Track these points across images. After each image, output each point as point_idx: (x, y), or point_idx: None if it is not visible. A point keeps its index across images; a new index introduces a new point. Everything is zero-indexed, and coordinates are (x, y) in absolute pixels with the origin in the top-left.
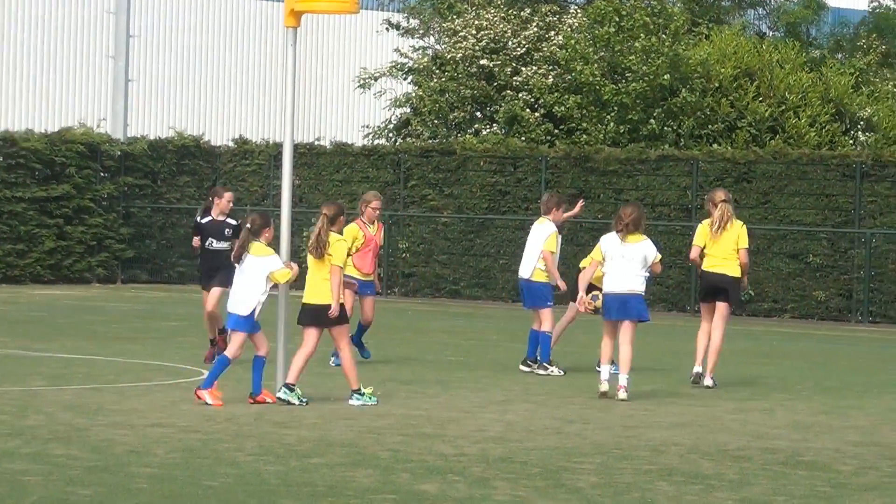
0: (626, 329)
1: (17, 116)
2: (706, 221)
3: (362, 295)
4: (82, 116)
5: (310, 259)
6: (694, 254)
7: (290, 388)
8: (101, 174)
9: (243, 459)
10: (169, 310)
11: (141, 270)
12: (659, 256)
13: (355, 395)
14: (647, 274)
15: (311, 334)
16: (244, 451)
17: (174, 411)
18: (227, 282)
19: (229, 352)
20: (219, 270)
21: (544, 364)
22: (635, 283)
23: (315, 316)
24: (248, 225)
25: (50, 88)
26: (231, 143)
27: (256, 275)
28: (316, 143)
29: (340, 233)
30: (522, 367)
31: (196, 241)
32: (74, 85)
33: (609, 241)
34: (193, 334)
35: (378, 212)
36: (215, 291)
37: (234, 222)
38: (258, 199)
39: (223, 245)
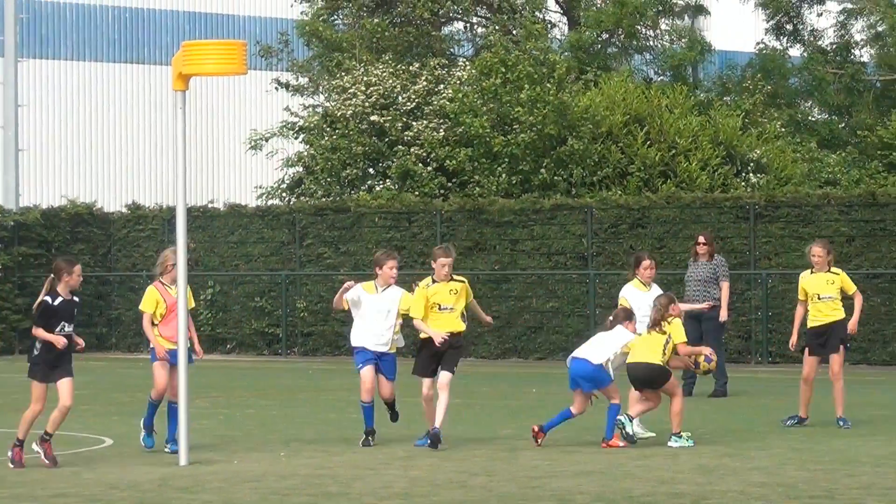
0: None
1: None
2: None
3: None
4: None
5: None
6: None
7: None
8: None
9: None
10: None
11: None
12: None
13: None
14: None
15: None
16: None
17: (77, 481)
18: (70, 370)
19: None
20: (63, 357)
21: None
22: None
23: None
24: None
25: None
26: (124, 209)
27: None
28: (209, 205)
29: None
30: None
31: (40, 332)
32: None
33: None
34: (94, 402)
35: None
36: (68, 383)
37: (78, 300)
38: (153, 264)
39: (71, 329)
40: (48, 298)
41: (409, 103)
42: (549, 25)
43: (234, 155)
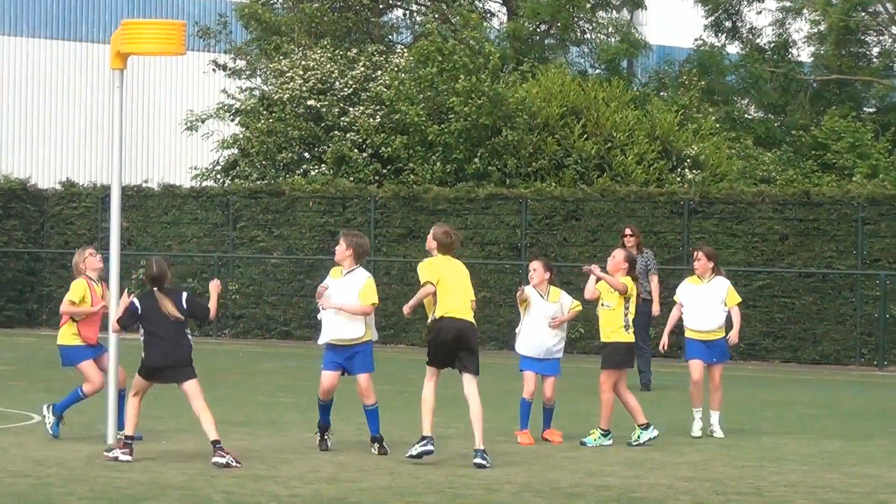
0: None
1: None
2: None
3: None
4: None
5: None
6: None
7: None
8: None
9: (71, 503)
10: None
11: None
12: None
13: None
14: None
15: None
16: (76, 496)
17: (4, 456)
18: None
19: None
20: None
21: None
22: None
23: None
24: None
25: None
26: (58, 186)
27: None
28: (144, 185)
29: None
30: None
31: None
32: None
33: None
34: (22, 378)
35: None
36: None
37: None
38: (87, 242)
39: None
40: None
41: (346, 89)
42: (488, 15)
43: (170, 135)
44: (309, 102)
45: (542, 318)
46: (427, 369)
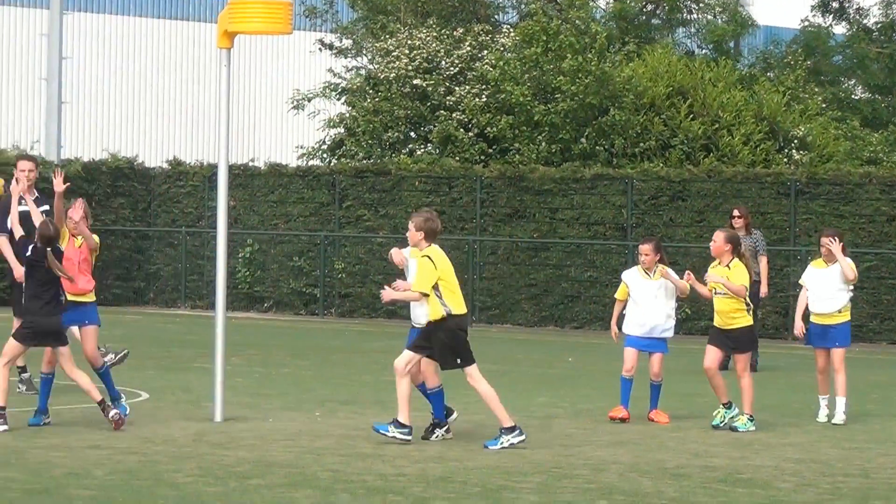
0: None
1: None
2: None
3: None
4: (16, 139)
5: None
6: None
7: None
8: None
9: (182, 481)
10: (105, 332)
11: None
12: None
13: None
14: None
15: None
16: (183, 473)
17: (112, 433)
18: None
19: None
20: None
21: None
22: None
23: None
24: None
25: None
26: (165, 165)
27: None
28: (250, 164)
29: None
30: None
31: None
32: (7, 107)
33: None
34: (131, 357)
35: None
36: None
37: None
38: (193, 221)
39: None
40: None
41: (451, 68)
42: None
43: (276, 114)
44: (415, 82)
45: (648, 297)
46: (471, 369)
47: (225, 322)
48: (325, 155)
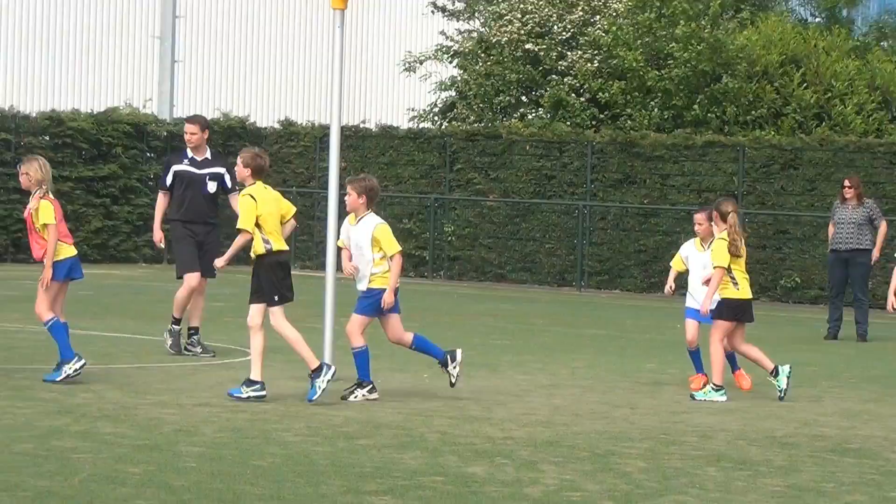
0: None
1: (63, 96)
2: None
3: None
4: (128, 97)
5: None
6: None
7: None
8: (148, 154)
9: (291, 440)
10: (214, 290)
11: None
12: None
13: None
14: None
15: None
16: (292, 432)
17: (221, 391)
18: None
19: None
20: None
21: None
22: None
23: None
24: None
25: (96, 69)
26: (277, 125)
27: None
28: (362, 125)
29: None
30: None
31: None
32: (121, 65)
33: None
34: (239, 314)
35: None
36: None
37: None
38: (304, 182)
39: None
40: None
41: (564, 33)
42: None
43: (388, 76)
44: (527, 46)
45: (697, 269)
46: (277, 309)
47: (335, 282)
48: (436, 118)
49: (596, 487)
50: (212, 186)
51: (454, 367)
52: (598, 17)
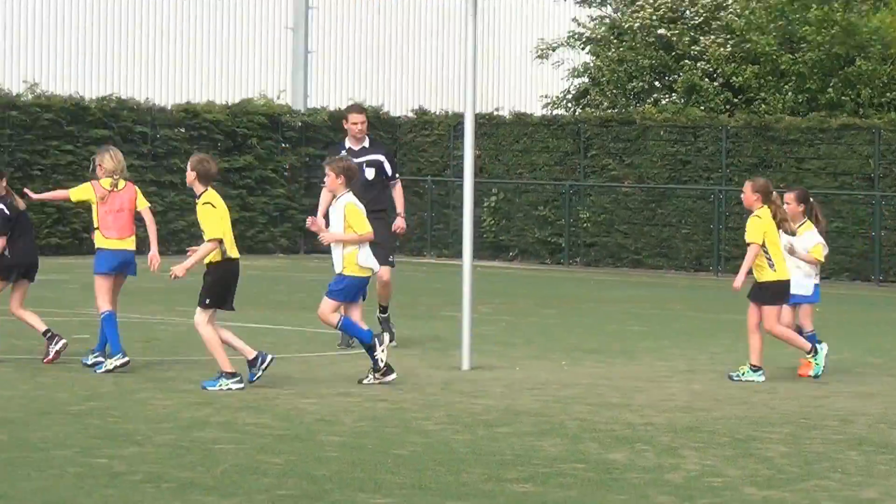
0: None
1: (198, 88)
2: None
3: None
4: (263, 88)
5: None
6: None
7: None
8: (283, 145)
9: (431, 428)
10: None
11: None
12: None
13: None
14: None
15: None
16: (432, 420)
17: (359, 382)
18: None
19: None
20: None
21: None
22: None
23: None
24: None
25: (230, 60)
26: (411, 114)
27: None
28: (495, 113)
29: None
30: None
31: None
32: (255, 56)
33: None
34: (376, 303)
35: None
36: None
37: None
38: (439, 170)
39: None
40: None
41: (696, 18)
42: None
43: (521, 64)
44: (659, 31)
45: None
46: (206, 312)
47: (471, 271)
48: (569, 104)
49: (737, 473)
50: (369, 173)
51: (382, 351)
52: (730, 1)
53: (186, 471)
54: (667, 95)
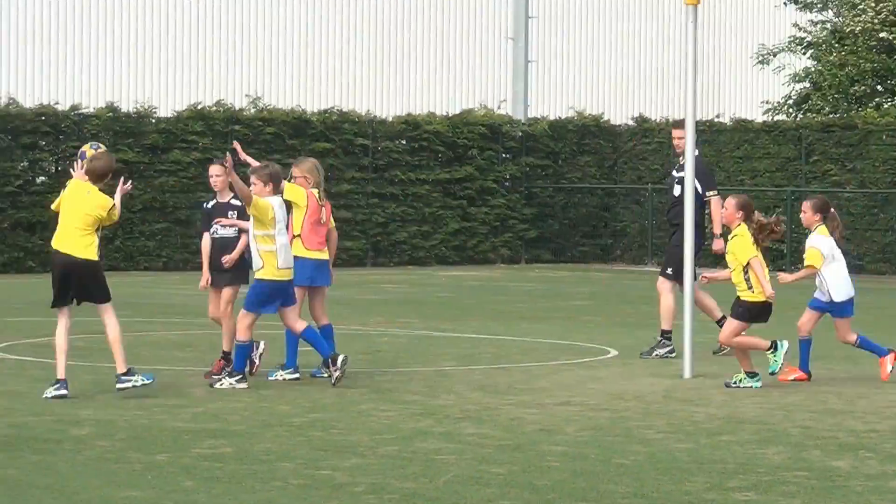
0: None
1: (418, 100)
2: None
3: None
4: (483, 98)
5: None
6: None
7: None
8: (503, 155)
9: (653, 437)
10: (573, 289)
11: (544, 250)
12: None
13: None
14: None
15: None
16: (654, 429)
17: (582, 390)
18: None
19: None
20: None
21: None
22: None
23: None
24: None
25: (450, 71)
26: (631, 122)
27: None
28: (715, 119)
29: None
30: None
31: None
32: (474, 67)
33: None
34: (599, 313)
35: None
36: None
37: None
38: (659, 178)
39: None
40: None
41: None
42: None
43: (741, 69)
44: (881, 34)
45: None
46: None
47: (692, 279)
48: (790, 109)
49: None
50: (676, 190)
51: (336, 370)
52: None
53: (409, 481)
54: (889, 99)
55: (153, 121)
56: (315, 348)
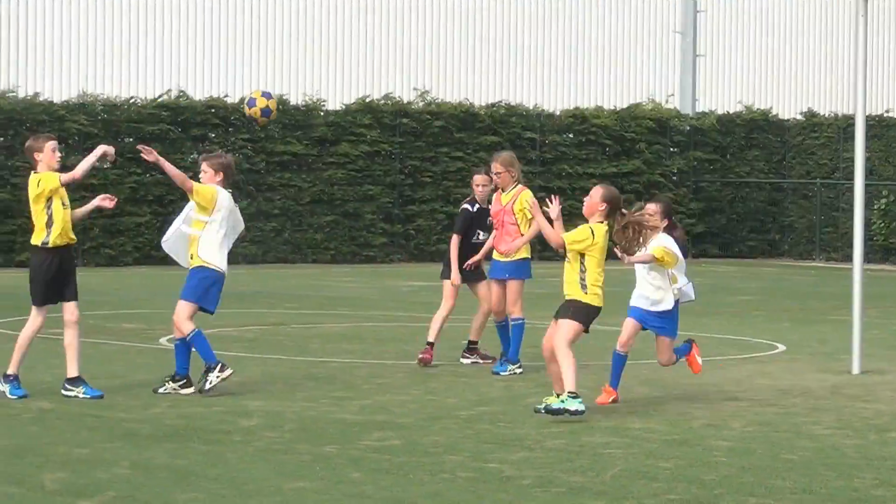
0: None
1: (586, 93)
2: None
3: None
4: (651, 92)
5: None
6: None
7: None
8: (671, 149)
9: (821, 433)
10: (741, 284)
11: (711, 244)
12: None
13: None
14: None
15: None
16: (821, 425)
17: (749, 385)
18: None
19: None
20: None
21: None
22: None
23: None
24: None
25: (619, 65)
26: (799, 117)
27: None
28: (885, 114)
29: None
30: None
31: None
32: (643, 61)
33: None
34: (767, 308)
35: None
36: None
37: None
38: (828, 173)
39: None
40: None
41: None
42: None
43: None
44: None
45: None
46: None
47: (862, 274)
48: None
49: None
50: None
51: (215, 377)
52: None
53: (576, 475)
54: None
55: (322, 114)
56: (200, 353)
